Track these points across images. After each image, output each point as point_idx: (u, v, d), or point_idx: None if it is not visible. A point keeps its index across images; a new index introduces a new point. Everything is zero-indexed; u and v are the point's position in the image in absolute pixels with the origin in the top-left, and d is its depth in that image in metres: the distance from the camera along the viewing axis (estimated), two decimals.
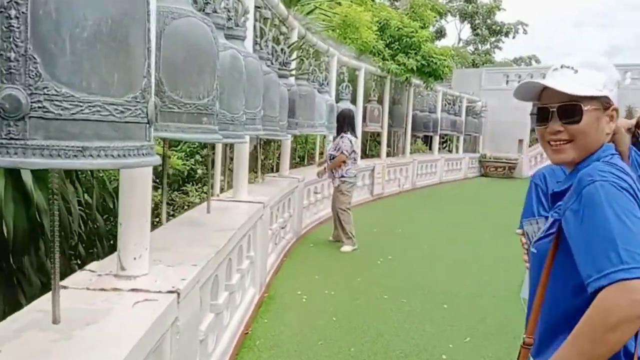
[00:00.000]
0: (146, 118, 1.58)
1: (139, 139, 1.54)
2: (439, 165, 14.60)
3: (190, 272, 2.26)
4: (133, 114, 1.50)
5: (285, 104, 5.51)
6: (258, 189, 5.14)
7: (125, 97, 1.46)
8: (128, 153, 1.48)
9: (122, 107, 1.44)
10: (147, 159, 1.56)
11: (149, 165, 1.55)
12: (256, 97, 3.70)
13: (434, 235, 7.45)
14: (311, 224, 7.50)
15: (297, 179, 6.56)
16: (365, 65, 10.15)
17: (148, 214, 2.19)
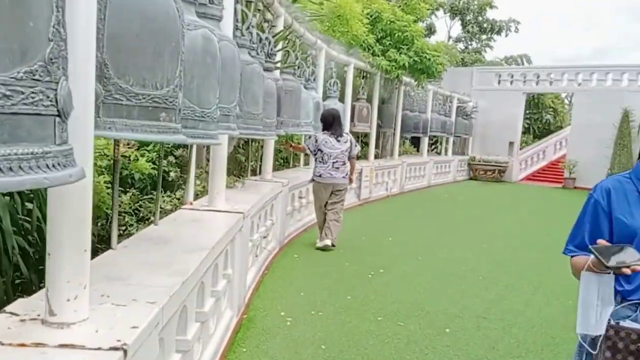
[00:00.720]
0: (55, 107, 1.04)
1: (39, 142, 1.00)
2: (427, 168, 14.17)
3: (146, 314, 1.72)
4: (27, 101, 0.96)
5: (273, 100, 4.98)
6: (238, 196, 4.59)
7: (11, 71, 0.91)
8: (17, 165, 0.94)
9: (5, 89, 0.90)
10: (54, 174, 1.01)
11: (54, 185, 1.01)
12: (231, 90, 3.15)
13: (427, 243, 6.97)
14: (295, 231, 6.96)
15: (281, 183, 6.01)
16: (354, 60, 9.63)
17: (87, 239, 1.64)
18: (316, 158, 6.37)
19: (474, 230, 8.22)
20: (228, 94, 3.19)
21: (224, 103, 3.18)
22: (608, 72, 16.01)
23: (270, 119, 4.74)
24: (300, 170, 8.02)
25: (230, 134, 3.28)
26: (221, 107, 3.17)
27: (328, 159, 6.25)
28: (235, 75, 3.25)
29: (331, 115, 6.49)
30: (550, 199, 13.74)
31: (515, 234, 8.04)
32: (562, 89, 17.62)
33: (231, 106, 3.25)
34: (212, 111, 2.44)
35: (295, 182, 6.85)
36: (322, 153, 6.26)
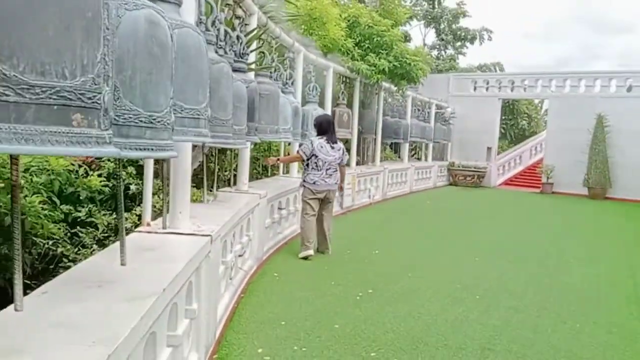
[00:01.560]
0: None
1: None
2: (409, 174, 13.78)
3: None
4: None
5: (243, 104, 4.43)
6: (207, 212, 4.02)
7: None
8: None
9: None
10: None
11: None
12: (200, 88, 2.61)
13: (416, 257, 6.49)
14: (275, 245, 6.40)
15: (258, 194, 5.46)
16: (333, 64, 9.16)
17: None
18: (309, 164, 6.07)
19: (464, 241, 7.79)
20: (195, 93, 2.65)
21: (192, 103, 2.63)
22: (581, 79, 15.95)
23: (239, 125, 4.20)
24: (280, 179, 7.47)
25: (201, 141, 2.73)
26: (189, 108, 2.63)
27: (322, 165, 6.00)
28: (203, 69, 2.71)
29: (326, 121, 6.28)
30: (531, 204, 13.49)
31: (506, 245, 7.63)
32: (536, 95, 17.52)
33: (201, 107, 2.71)
34: (163, 115, 1.88)
35: (275, 192, 6.31)
36: (317, 159, 6.01)
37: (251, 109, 4.88)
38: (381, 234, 7.96)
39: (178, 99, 2.44)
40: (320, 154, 6.06)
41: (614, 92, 15.16)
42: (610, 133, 14.71)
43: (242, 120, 4.35)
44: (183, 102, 2.48)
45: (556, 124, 15.88)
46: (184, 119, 2.49)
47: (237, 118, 4.21)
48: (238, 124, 4.26)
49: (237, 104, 4.26)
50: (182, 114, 2.47)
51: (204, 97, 2.65)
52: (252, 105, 4.92)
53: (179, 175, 3.33)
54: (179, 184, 3.32)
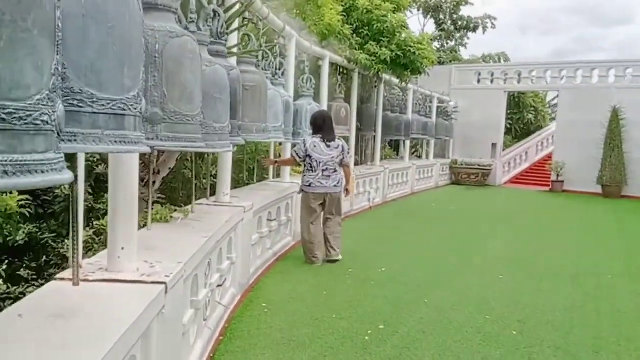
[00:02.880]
0: None
1: None
2: (410, 174, 12.84)
3: None
4: None
5: (224, 96, 3.46)
6: (170, 239, 3.06)
7: None
8: None
9: None
10: None
11: None
12: (126, 66, 1.63)
13: (429, 275, 5.54)
14: (264, 264, 5.44)
15: (242, 207, 4.49)
16: (330, 54, 8.18)
17: None
18: (304, 165, 5.70)
19: (480, 252, 6.86)
20: (118, 73, 1.67)
21: (111, 91, 1.65)
22: (594, 69, 15.04)
23: (220, 122, 3.23)
24: (269, 184, 6.50)
25: (124, 150, 1.75)
26: (108, 99, 1.64)
27: (317, 166, 5.60)
28: (132, 38, 1.72)
29: (322, 118, 5.81)
30: (544, 205, 12.58)
31: (530, 257, 6.70)
32: (545, 86, 16.60)
33: (128, 97, 1.72)
34: (28, 108, 0.94)
35: (263, 201, 5.34)
36: (311, 159, 5.61)
37: (233, 104, 3.91)
38: (386, 246, 7.01)
39: (86, 81, 1.46)
40: (314, 153, 5.61)
41: (630, 83, 14.24)
42: (627, 126, 13.81)
43: (224, 117, 3.38)
44: (95, 88, 1.50)
45: (567, 118, 14.97)
46: (95, 117, 1.50)
47: (216, 113, 3.26)
48: (218, 120, 3.29)
49: (217, 94, 3.30)
50: (93, 108, 1.49)
51: (135, 81, 1.68)
52: (234, 99, 3.95)
53: (120, 195, 2.35)
54: (119, 211, 2.34)
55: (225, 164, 4.59)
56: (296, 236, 6.73)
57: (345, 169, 5.85)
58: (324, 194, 5.65)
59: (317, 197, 5.66)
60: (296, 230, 6.71)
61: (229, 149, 3.42)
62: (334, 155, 5.65)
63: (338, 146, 5.70)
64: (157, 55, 2.72)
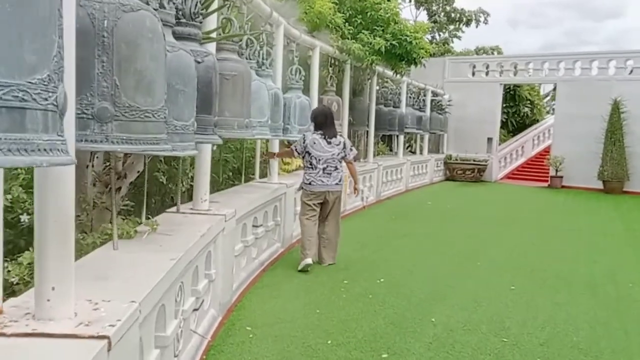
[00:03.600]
0: None
1: None
2: (404, 170, 12.32)
3: None
4: None
5: (190, 89, 2.89)
6: (128, 264, 2.48)
7: None
8: None
9: None
10: None
11: None
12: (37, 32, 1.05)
13: (432, 286, 5.01)
14: (249, 277, 4.86)
15: (223, 215, 3.90)
16: (320, 43, 7.58)
17: None
18: (304, 162, 5.51)
19: (485, 257, 6.34)
20: (12, 42, 1.07)
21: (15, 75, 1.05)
22: (593, 60, 14.58)
23: (182, 119, 2.65)
24: (254, 186, 5.90)
25: (23, 163, 1.16)
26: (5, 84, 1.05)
27: (317, 163, 5.38)
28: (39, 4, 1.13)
29: (322, 114, 5.59)
30: (544, 202, 12.10)
31: (539, 263, 6.20)
32: (542, 79, 16.12)
33: (30, 80, 1.13)
34: None
35: (248, 206, 4.76)
36: (310, 156, 5.40)
37: (207, 96, 3.33)
38: (382, 252, 6.46)
39: None
40: (314, 150, 5.38)
41: (631, 75, 13.79)
42: (628, 120, 13.39)
43: (187, 112, 2.80)
44: None
45: (565, 111, 14.52)
46: None
47: (177, 108, 2.68)
48: (180, 117, 2.72)
49: (180, 86, 2.71)
50: None
51: (43, 57, 1.10)
52: (209, 90, 3.37)
53: (49, 216, 1.76)
54: (48, 235, 1.76)
55: (202, 166, 3.99)
56: (285, 242, 6.17)
57: (349, 166, 5.62)
58: (325, 192, 5.40)
59: (317, 195, 5.41)
60: (285, 235, 6.15)
61: (192, 151, 2.82)
62: (334, 152, 5.41)
63: (339, 143, 5.47)
64: (106, 34, 2.14)
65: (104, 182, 3.60)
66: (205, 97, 3.23)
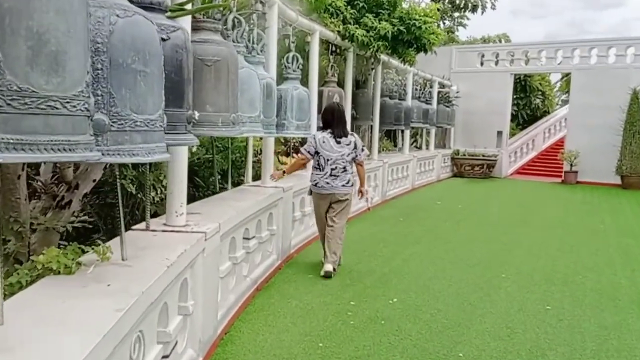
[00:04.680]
0: None
1: None
2: (411, 168, 11.55)
3: None
4: None
5: (154, 69, 2.12)
6: (50, 322, 1.73)
7: None
8: None
9: None
10: None
11: None
12: None
13: (455, 307, 4.28)
14: (239, 300, 4.12)
15: (203, 233, 3.15)
16: (320, 28, 6.81)
17: None
18: (313, 163, 5.19)
19: (509, 268, 5.60)
20: None
21: None
22: (610, 47, 13.76)
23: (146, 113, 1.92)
24: (246, 191, 5.13)
25: None
26: None
27: (325, 164, 5.07)
28: None
29: (330, 111, 5.22)
30: (562, 200, 11.28)
31: (571, 274, 5.47)
32: (556, 68, 15.30)
33: None
34: None
35: (238, 217, 4.01)
36: (319, 156, 5.09)
37: (176, 84, 2.59)
38: (392, 263, 5.71)
39: None
40: (322, 150, 5.06)
41: None
42: None
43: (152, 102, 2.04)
44: None
45: (580, 102, 13.70)
46: None
47: (135, 96, 1.95)
48: (141, 109, 2.01)
49: (138, 65, 1.98)
50: None
51: None
52: (179, 77, 2.63)
53: None
54: None
55: (177, 172, 3.24)
56: (283, 253, 5.43)
57: (358, 167, 5.23)
58: (330, 194, 5.07)
59: (324, 197, 5.12)
60: (282, 245, 5.41)
61: (161, 156, 2.07)
62: (344, 152, 5.07)
63: (349, 142, 5.10)
64: None
65: (50, 194, 2.86)
66: (174, 86, 2.49)
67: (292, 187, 5.60)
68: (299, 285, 4.80)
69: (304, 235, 6.25)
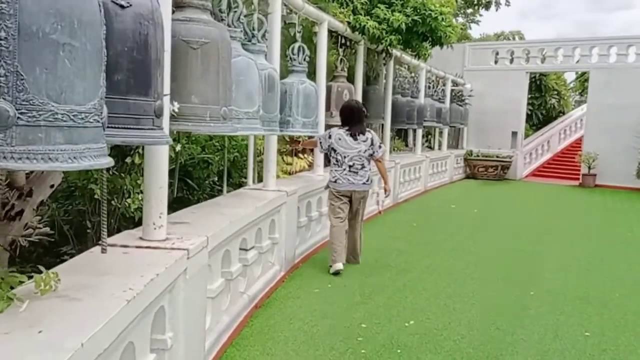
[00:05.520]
0: None
1: None
2: (423, 169, 10.97)
3: None
4: None
5: (92, 40, 1.54)
6: None
7: None
8: None
9: None
10: None
11: None
12: None
13: (479, 333, 3.72)
14: (234, 322, 3.58)
15: (185, 250, 2.61)
16: (329, 17, 6.26)
17: None
18: (330, 159, 5.23)
19: (537, 286, 5.03)
20: None
21: None
22: (630, 45, 13.10)
23: (72, 102, 1.33)
24: (244, 195, 4.59)
25: None
26: None
27: (343, 160, 5.06)
28: None
29: (349, 108, 5.23)
30: (584, 205, 10.65)
31: (609, 293, 4.89)
32: (574, 66, 14.64)
33: None
34: None
35: (232, 228, 3.47)
36: (336, 153, 5.09)
37: (141, 65, 2.03)
38: (407, 275, 5.15)
39: None
40: (339, 147, 5.05)
41: None
42: None
43: (84, 88, 1.48)
44: None
45: (599, 102, 13.04)
46: None
47: (56, 79, 1.37)
48: (64, 98, 1.40)
49: (61, 35, 1.41)
50: None
51: None
52: (145, 56, 2.06)
53: None
54: None
55: (155, 176, 2.69)
56: (286, 263, 4.89)
57: (377, 164, 5.26)
58: (351, 191, 5.06)
59: (342, 194, 5.07)
60: (286, 255, 4.87)
61: (99, 161, 1.51)
62: (361, 149, 5.05)
63: (367, 139, 5.08)
64: None
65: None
66: (137, 68, 1.94)
67: (296, 190, 5.07)
68: (303, 302, 4.26)
69: (310, 243, 5.71)
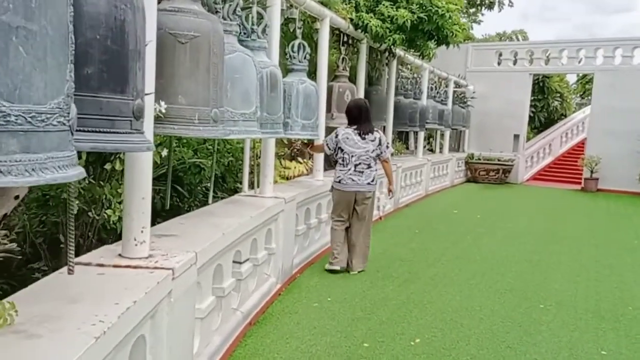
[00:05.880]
0: None
1: None
2: (424, 172, 10.70)
3: None
4: None
5: (48, 27, 1.24)
6: None
7: None
8: None
9: None
10: None
11: None
12: None
13: (488, 352, 3.44)
14: (224, 344, 3.29)
15: (170, 270, 2.32)
16: (331, 14, 5.97)
17: None
18: (337, 159, 5.12)
19: (552, 298, 4.74)
20: None
21: None
22: (636, 47, 12.87)
23: (30, 101, 1.01)
24: (239, 203, 4.31)
25: None
26: None
27: (349, 160, 5.01)
28: None
29: (357, 107, 5.14)
30: (588, 210, 10.38)
31: (625, 305, 4.62)
32: (578, 68, 14.39)
33: None
34: None
35: (225, 241, 3.17)
36: (343, 152, 5.03)
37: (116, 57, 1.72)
38: (411, 287, 4.87)
39: None
40: (346, 146, 5.01)
41: None
42: None
43: (44, 83, 1.17)
44: None
45: (603, 105, 12.79)
46: None
47: (8, 72, 1.07)
48: (18, 96, 1.08)
49: (14, 17, 1.11)
50: None
51: None
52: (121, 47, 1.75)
53: None
54: None
55: (136, 186, 2.39)
56: (283, 275, 4.60)
57: (384, 164, 5.20)
58: (354, 192, 5.00)
59: (348, 195, 5.02)
60: (283, 266, 4.58)
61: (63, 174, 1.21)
62: (368, 148, 5.00)
63: (374, 139, 5.04)
64: None
65: None
66: (111, 60, 1.64)
67: (295, 197, 4.78)
68: (301, 317, 3.97)
69: (308, 252, 5.43)
